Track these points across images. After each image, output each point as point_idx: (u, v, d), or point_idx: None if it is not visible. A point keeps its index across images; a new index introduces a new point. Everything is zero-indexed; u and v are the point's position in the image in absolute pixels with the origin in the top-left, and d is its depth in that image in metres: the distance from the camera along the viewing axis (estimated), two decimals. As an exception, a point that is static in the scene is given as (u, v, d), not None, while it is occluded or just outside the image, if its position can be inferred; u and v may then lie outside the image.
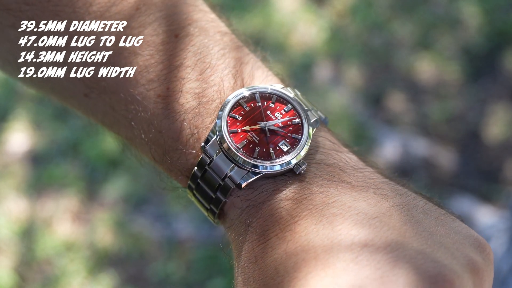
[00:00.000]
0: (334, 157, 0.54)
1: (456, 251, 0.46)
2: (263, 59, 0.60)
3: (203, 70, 0.56)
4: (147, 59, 0.56)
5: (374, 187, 0.51)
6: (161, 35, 0.56)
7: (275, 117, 0.56)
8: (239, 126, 0.55)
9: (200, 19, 0.58)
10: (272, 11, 2.52)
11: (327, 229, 0.46)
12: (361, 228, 0.46)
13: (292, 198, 0.50)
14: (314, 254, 0.45)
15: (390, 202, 0.49)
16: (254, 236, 0.50)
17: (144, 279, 1.97)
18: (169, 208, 2.09)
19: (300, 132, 0.55)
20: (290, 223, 0.49)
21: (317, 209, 0.48)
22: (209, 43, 0.57)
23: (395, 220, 0.47)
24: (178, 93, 0.55)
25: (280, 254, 0.47)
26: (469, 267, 0.46)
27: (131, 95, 0.56)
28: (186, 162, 0.55)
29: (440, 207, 0.52)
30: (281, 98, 0.57)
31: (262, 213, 0.51)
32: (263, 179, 0.53)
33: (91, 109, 0.60)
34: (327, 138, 0.56)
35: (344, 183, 0.51)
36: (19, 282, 1.95)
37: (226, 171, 0.53)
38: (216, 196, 0.54)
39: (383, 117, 2.33)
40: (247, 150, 0.53)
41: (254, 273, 0.49)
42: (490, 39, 2.47)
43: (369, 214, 0.47)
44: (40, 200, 2.10)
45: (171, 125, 0.55)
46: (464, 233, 0.49)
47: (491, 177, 2.19)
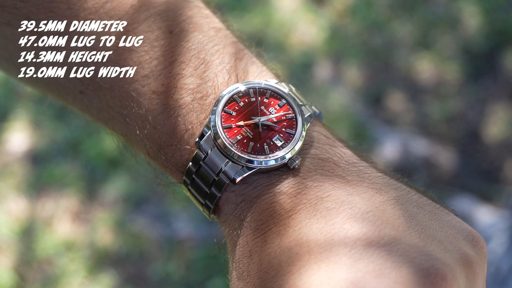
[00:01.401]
0: (328, 152, 0.54)
1: (449, 244, 0.47)
2: (257, 54, 0.60)
3: (197, 66, 0.56)
4: (141, 55, 0.56)
5: (369, 181, 0.51)
6: (156, 31, 0.57)
7: (269, 112, 0.56)
8: (233, 121, 0.55)
9: (195, 15, 0.58)
10: (272, 10, 2.52)
11: (321, 223, 0.47)
12: (354, 222, 0.46)
13: (287, 193, 0.51)
14: (308, 248, 0.45)
15: (384, 196, 0.49)
16: (249, 231, 0.50)
17: (144, 279, 1.97)
18: (169, 207, 2.09)
19: (294, 127, 0.55)
20: (284, 218, 0.49)
21: (311, 203, 0.49)
22: (204, 39, 0.57)
23: (388, 214, 0.47)
24: (172, 89, 0.55)
25: (274, 248, 0.47)
26: (462, 260, 0.46)
27: (126, 91, 0.56)
28: (181, 157, 0.56)
29: (434, 201, 0.52)
30: (275, 93, 0.57)
31: (256, 207, 0.51)
32: (257, 174, 0.53)
33: (87, 106, 0.60)
34: (322, 133, 0.57)
35: (338, 177, 0.51)
36: (19, 282, 1.95)
37: (220, 166, 0.53)
38: (210, 192, 0.54)
39: (383, 117, 2.33)
40: (241, 145, 0.54)
41: (249, 267, 0.49)
42: (490, 39, 2.47)
43: (362, 209, 0.47)
44: (40, 200, 2.10)
45: (165, 121, 0.55)
46: (458, 227, 0.49)
47: (491, 177, 2.19)
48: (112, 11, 0.57)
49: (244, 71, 0.57)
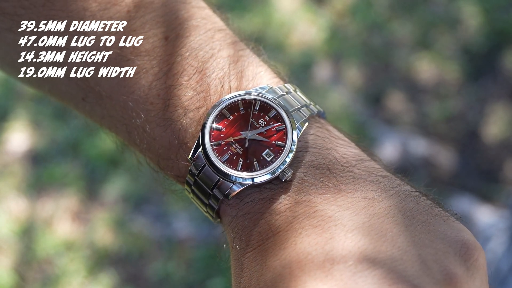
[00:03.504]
0: (324, 157, 0.54)
1: (434, 263, 0.46)
2: (257, 52, 0.60)
3: (191, 75, 0.56)
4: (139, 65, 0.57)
5: (363, 188, 0.51)
6: (151, 38, 0.57)
7: (259, 125, 0.55)
8: (222, 138, 0.55)
9: (192, 17, 0.58)
10: (272, 10, 2.52)
11: (304, 244, 0.47)
12: (335, 243, 0.46)
13: (276, 209, 0.51)
14: (289, 269, 0.46)
15: (375, 207, 0.49)
16: (242, 245, 0.51)
17: (144, 279, 1.97)
18: (169, 207, 2.09)
19: (285, 138, 0.55)
20: (270, 236, 0.49)
21: (298, 220, 0.49)
22: (199, 43, 0.57)
23: (375, 231, 0.47)
24: (166, 101, 0.56)
25: (262, 266, 0.48)
26: (445, 281, 0.45)
27: (125, 101, 0.57)
28: (179, 170, 0.57)
29: (434, 204, 0.51)
30: (265, 103, 0.56)
31: (248, 223, 0.52)
32: (249, 188, 0.53)
33: (89, 112, 0.61)
34: (319, 135, 0.56)
35: (331, 187, 0.51)
36: (19, 282, 1.95)
37: (213, 182, 0.54)
38: (209, 203, 0.55)
39: (383, 117, 2.33)
40: (231, 163, 0.54)
41: (240, 282, 0.50)
42: (490, 39, 2.47)
43: (347, 226, 0.47)
44: (40, 200, 2.10)
45: (162, 133, 0.56)
46: (451, 238, 0.48)
47: (491, 177, 2.19)
48: (109, 20, 0.57)
49: (238, 76, 0.57)
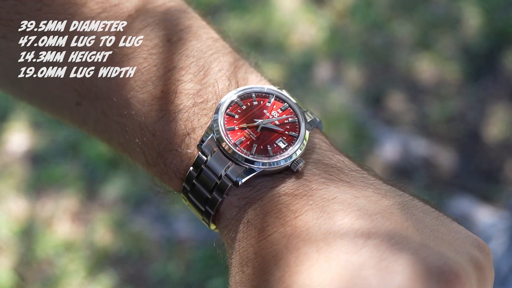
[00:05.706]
0: (331, 158, 0.54)
1: (458, 247, 0.47)
2: (255, 65, 0.60)
3: (197, 72, 0.56)
4: (140, 63, 0.56)
5: (373, 187, 0.51)
6: (154, 39, 0.57)
7: (272, 116, 0.56)
8: (236, 124, 0.55)
9: (192, 25, 0.59)
10: (272, 11, 2.52)
11: (328, 224, 0.47)
12: (363, 222, 0.46)
13: (292, 194, 0.50)
14: (317, 247, 0.45)
15: (390, 200, 0.50)
16: (254, 233, 0.50)
17: (144, 279, 1.97)
18: (169, 208, 2.09)
19: (297, 130, 0.55)
20: (291, 219, 0.48)
21: (318, 205, 0.48)
22: (202, 47, 0.57)
23: (396, 217, 0.47)
24: (172, 94, 0.55)
25: (281, 249, 0.47)
26: (472, 262, 0.46)
27: (124, 98, 0.57)
28: (181, 163, 0.55)
29: (437, 209, 0.52)
30: (278, 97, 0.57)
31: (261, 210, 0.51)
32: (260, 177, 0.53)
33: (83, 118, 0.61)
34: (323, 141, 0.57)
35: (343, 182, 0.51)
36: (19, 282, 1.95)
37: (223, 168, 0.53)
38: (212, 196, 0.54)
39: (383, 117, 2.33)
40: (245, 147, 0.53)
41: (254, 269, 0.49)
42: (490, 39, 2.47)
43: (370, 210, 0.47)
44: (40, 200, 2.10)
45: (165, 126, 0.55)
46: (464, 233, 0.50)
47: (491, 177, 2.19)
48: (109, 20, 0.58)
49: (243, 78, 0.57)
